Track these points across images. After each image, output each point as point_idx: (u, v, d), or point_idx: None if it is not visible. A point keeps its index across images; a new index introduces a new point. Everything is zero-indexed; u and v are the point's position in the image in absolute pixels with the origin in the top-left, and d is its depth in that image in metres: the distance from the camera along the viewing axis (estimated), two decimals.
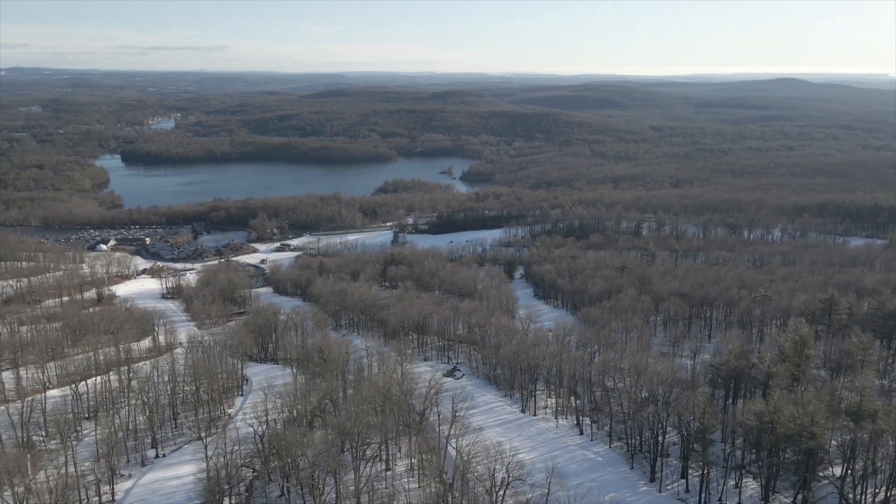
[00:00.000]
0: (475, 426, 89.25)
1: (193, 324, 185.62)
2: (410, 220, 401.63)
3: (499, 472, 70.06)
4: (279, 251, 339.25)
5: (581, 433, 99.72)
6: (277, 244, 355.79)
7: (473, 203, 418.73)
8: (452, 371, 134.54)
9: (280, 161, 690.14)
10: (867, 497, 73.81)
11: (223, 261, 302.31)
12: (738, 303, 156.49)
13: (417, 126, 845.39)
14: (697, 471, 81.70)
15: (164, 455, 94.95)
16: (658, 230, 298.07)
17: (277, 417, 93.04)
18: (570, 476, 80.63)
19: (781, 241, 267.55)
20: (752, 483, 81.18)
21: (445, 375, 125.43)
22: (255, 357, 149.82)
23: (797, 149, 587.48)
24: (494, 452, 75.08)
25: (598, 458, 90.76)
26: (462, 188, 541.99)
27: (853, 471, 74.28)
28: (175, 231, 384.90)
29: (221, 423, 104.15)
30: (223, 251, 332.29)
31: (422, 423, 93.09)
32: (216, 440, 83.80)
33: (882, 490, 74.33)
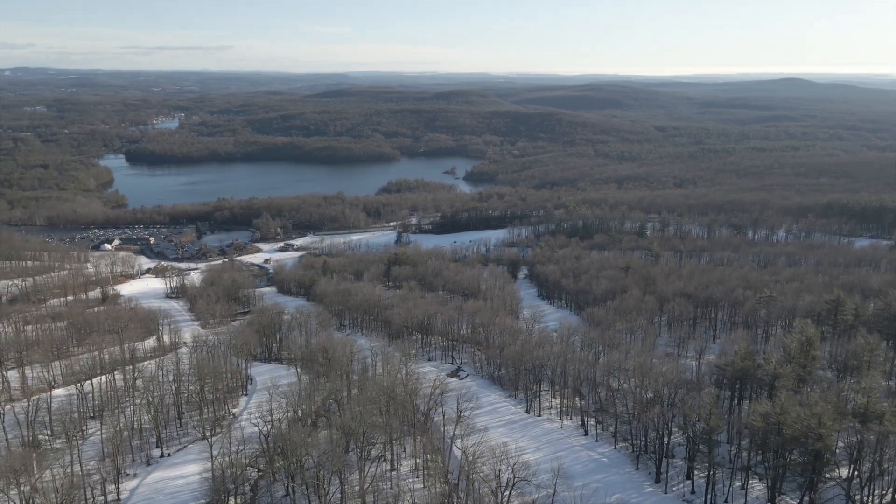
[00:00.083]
0: (480, 426, 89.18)
1: (198, 323, 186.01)
2: (414, 220, 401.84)
3: (504, 473, 69.93)
4: (283, 251, 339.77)
5: (586, 434, 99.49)
6: (281, 244, 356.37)
7: (477, 203, 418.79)
8: (456, 371, 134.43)
9: (284, 161, 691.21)
10: (874, 499, 73.47)
11: (227, 260, 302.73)
12: (743, 303, 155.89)
13: (421, 126, 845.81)
14: (703, 472, 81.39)
15: (169, 454, 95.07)
16: (662, 230, 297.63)
17: (282, 417, 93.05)
18: (576, 477, 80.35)
19: (786, 242, 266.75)
20: (758, 484, 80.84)
21: (449, 375, 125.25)
22: (260, 357, 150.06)
23: (802, 149, 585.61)
24: (500, 453, 74.98)
25: (603, 459, 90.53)
26: (465, 188, 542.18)
27: (860, 472, 74.00)
28: (179, 231, 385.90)
29: (226, 423, 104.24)
30: (227, 251, 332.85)
31: (426, 424, 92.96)
32: (221, 440, 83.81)
33: (889, 492, 74.03)
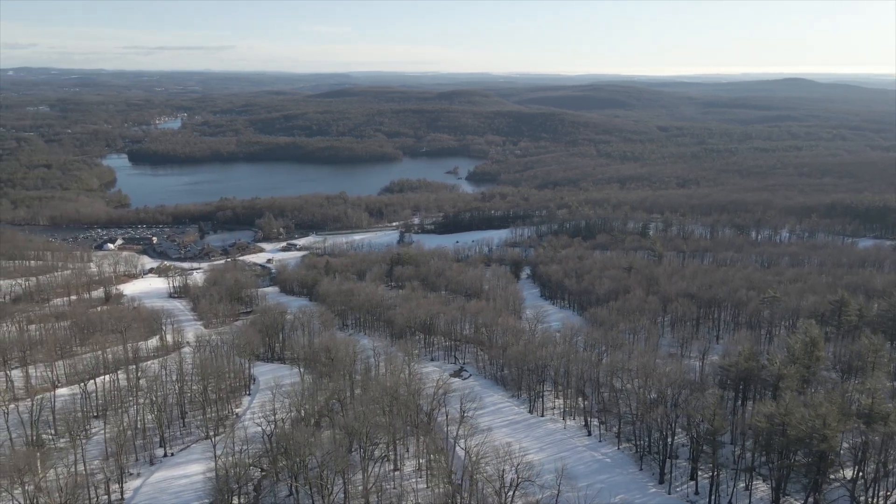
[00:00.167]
0: (484, 427, 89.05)
1: (200, 323, 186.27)
2: (416, 220, 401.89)
3: (508, 473, 69.85)
4: (285, 251, 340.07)
5: (589, 434, 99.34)
6: (283, 244, 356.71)
7: (479, 203, 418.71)
8: (459, 371, 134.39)
9: (286, 161, 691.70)
10: (879, 500, 73.18)
11: (230, 260, 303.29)
12: (747, 304, 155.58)
13: (423, 126, 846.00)
14: (707, 473, 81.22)
15: (173, 454, 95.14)
16: (665, 231, 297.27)
17: (285, 417, 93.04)
18: (579, 477, 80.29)
19: (790, 242, 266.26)
20: (762, 485, 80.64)
21: (452, 376, 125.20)
22: (263, 356, 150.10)
23: (805, 149, 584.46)
24: (503, 453, 74.90)
25: (607, 460, 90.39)
26: (468, 188, 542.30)
27: (865, 473, 73.74)
28: (182, 230, 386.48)
29: (229, 423, 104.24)
30: (230, 250, 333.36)
31: (430, 424, 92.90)
32: (224, 439, 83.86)
33: (894, 492, 73.71)
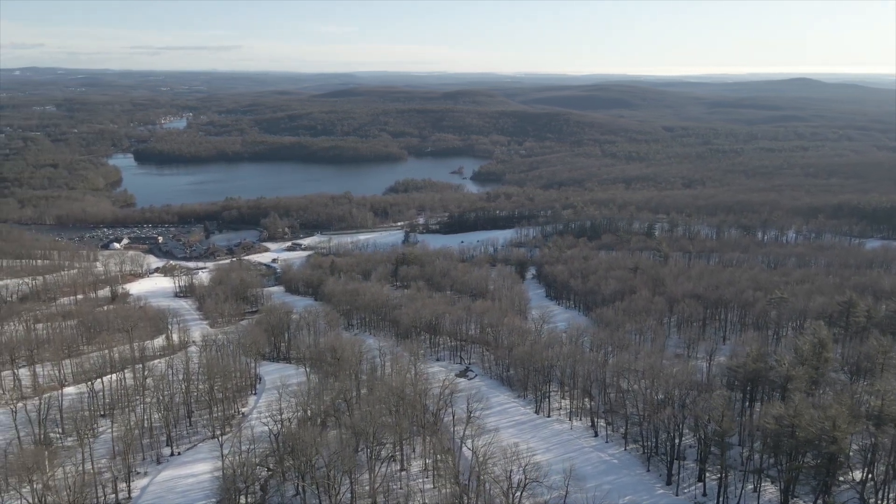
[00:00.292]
0: (490, 427, 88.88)
1: (206, 322, 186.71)
2: (421, 220, 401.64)
3: (515, 474, 69.64)
4: (290, 250, 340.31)
5: (596, 435, 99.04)
6: (289, 243, 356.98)
7: (484, 203, 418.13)
8: (465, 371, 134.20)
9: (291, 160, 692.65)
10: (889, 502, 72.68)
11: (235, 260, 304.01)
12: (754, 304, 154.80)
13: (428, 126, 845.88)
14: (715, 474, 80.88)
15: (180, 453, 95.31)
16: (671, 231, 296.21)
17: (291, 416, 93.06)
18: (586, 478, 79.98)
19: (796, 243, 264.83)
20: (771, 487, 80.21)
21: (458, 376, 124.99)
22: (268, 356, 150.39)
23: (811, 149, 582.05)
24: (510, 454, 74.71)
25: (614, 461, 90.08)
26: (473, 188, 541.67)
27: (874, 475, 73.28)
28: (187, 230, 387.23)
29: (236, 422, 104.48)
30: (235, 250, 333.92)
31: (436, 424, 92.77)
32: (231, 439, 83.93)
33: None
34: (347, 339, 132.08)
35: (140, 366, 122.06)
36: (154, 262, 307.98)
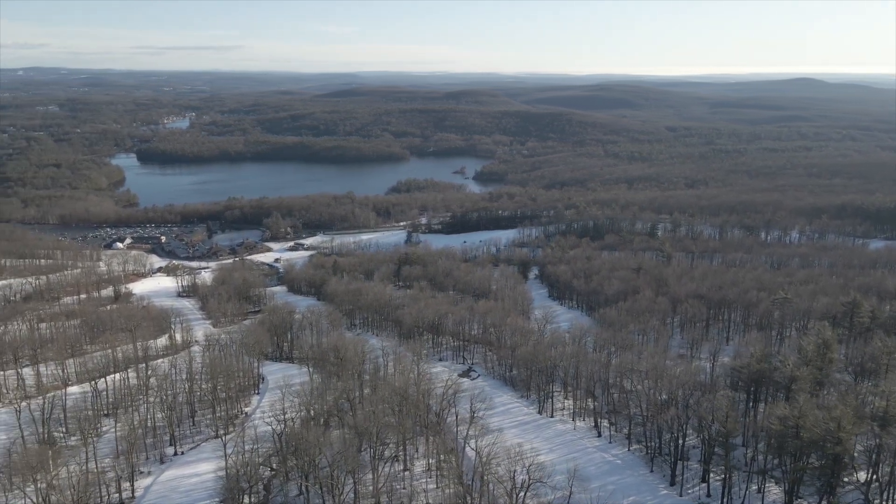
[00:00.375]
0: (494, 427, 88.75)
1: (209, 322, 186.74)
2: (424, 220, 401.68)
3: (519, 474, 69.53)
4: (293, 250, 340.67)
5: (599, 435, 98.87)
6: (291, 243, 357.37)
7: (487, 203, 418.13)
8: (468, 371, 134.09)
9: (294, 160, 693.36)
10: (893, 503, 72.53)
11: (238, 259, 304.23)
12: (757, 305, 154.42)
13: (430, 126, 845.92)
14: (719, 475, 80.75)
15: (183, 453, 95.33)
16: (674, 231, 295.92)
17: (295, 416, 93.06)
18: (590, 479, 79.87)
19: (800, 243, 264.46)
20: (775, 488, 79.98)
21: (461, 376, 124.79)
22: (271, 356, 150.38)
23: (814, 149, 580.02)
24: (514, 454, 74.61)
25: (617, 461, 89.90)
26: (475, 188, 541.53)
27: (879, 476, 73.04)
28: (190, 230, 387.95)
29: (239, 422, 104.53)
30: (238, 250, 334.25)
31: (439, 424, 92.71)
32: (235, 438, 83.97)
33: None
34: (350, 339, 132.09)
35: (143, 365, 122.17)
36: (157, 262, 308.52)
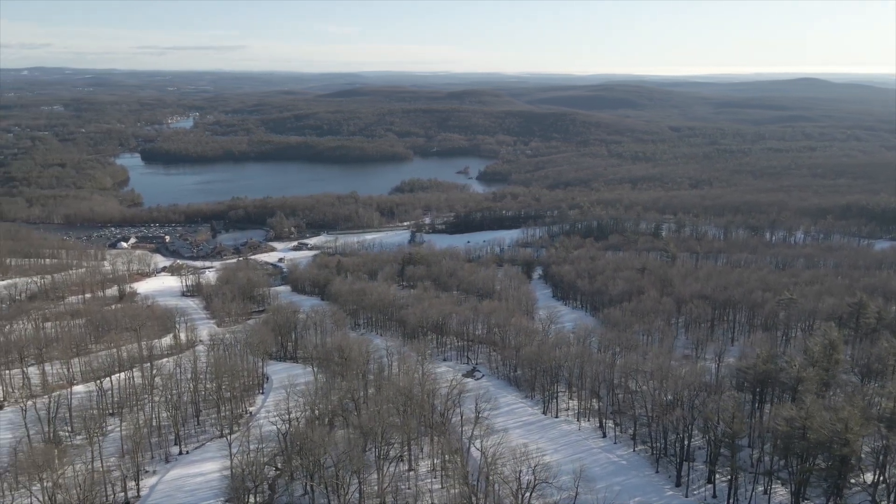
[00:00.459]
0: (499, 427, 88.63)
1: (213, 321, 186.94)
2: (427, 220, 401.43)
3: (524, 475, 69.38)
4: (297, 250, 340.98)
5: (604, 436, 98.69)
6: (295, 243, 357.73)
7: (490, 203, 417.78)
8: (472, 371, 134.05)
9: (297, 160, 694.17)
10: None
11: (242, 259, 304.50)
12: (762, 306, 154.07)
13: (434, 126, 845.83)
14: (725, 476, 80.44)
15: (188, 452, 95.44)
16: (678, 231, 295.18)
17: (299, 416, 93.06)
18: (595, 479, 79.65)
19: (805, 244, 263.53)
20: (781, 489, 79.69)
21: (465, 376, 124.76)
22: (275, 355, 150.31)
23: (819, 150, 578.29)
24: (520, 454, 74.47)
25: (623, 462, 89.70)
26: (478, 188, 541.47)
27: (886, 478, 72.64)
28: (194, 229, 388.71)
29: (244, 421, 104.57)
30: (242, 249, 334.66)
31: (444, 424, 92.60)
32: (239, 438, 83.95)
33: None
34: (354, 339, 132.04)
35: (148, 364, 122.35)
36: (161, 262, 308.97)
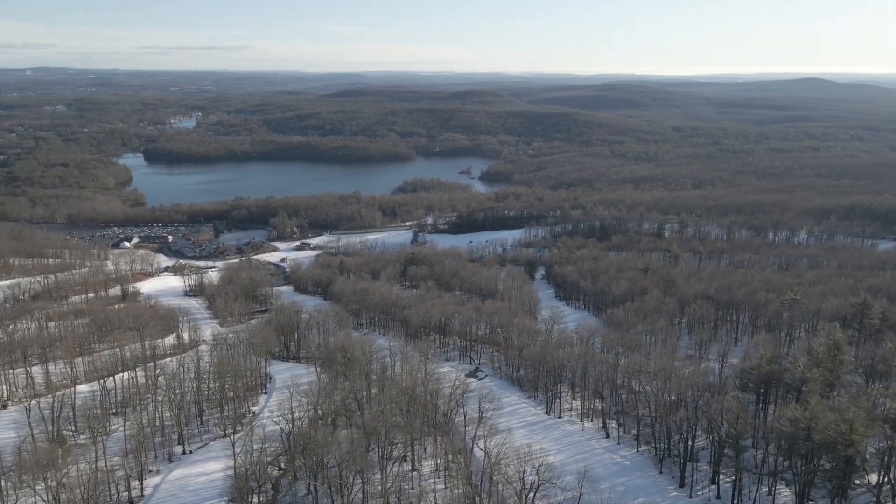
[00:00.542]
0: (502, 427, 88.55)
1: (216, 321, 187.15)
2: (430, 220, 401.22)
3: (528, 475, 69.29)
4: (299, 250, 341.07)
5: (607, 436, 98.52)
6: (297, 243, 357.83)
7: (493, 203, 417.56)
8: (475, 372, 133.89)
9: (300, 160, 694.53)
10: None
11: (244, 259, 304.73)
12: (766, 306, 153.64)
13: (436, 126, 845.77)
14: (729, 476, 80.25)
15: (191, 452, 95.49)
16: (681, 232, 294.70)
17: (302, 416, 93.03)
18: (599, 480, 79.53)
19: (808, 244, 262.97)
20: (786, 490, 79.49)
21: (468, 376, 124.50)
22: (278, 355, 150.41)
23: (822, 150, 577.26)
24: (523, 454, 74.36)
25: (626, 462, 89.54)
26: (481, 188, 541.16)
27: (891, 479, 72.46)
28: (197, 229, 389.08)
29: (247, 421, 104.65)
30: (244, 249, 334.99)
31: (447, 425, 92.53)
32: (243, 437, 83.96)
33: None
34: (357, 339, 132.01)
35: (151, 364, 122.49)
36: (164, 261, 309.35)
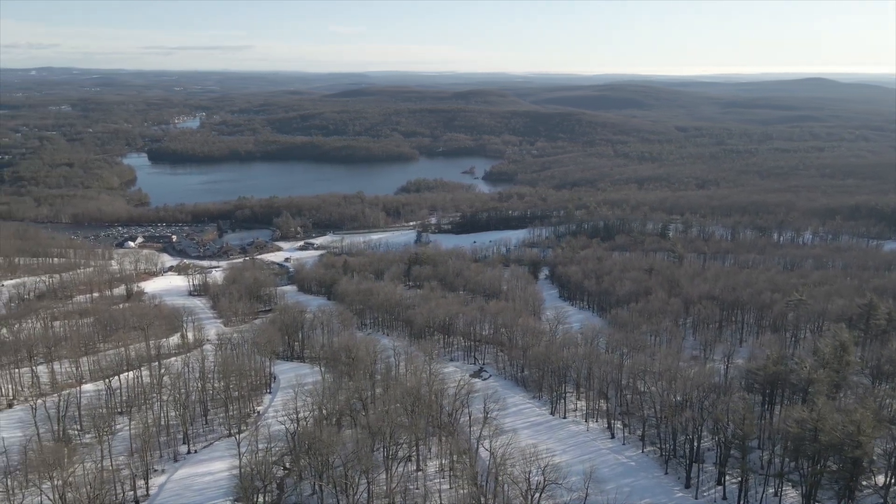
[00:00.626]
0: (507, 428, 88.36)
1: (220, 321, 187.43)
2: (433, 220, 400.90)
3: (534, 475, 69.14)
4: (303, 250, 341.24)
5: (612, 437, 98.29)
6: (301, 243, 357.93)
7: (497, 203, 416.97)
8: (479, 372, 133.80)
9: (303, 160, 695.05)
10: None
11: (248, 259, 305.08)
12: (771, 307, 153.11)
13: (439, 126, 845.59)
14: (734, 477, 79.92)
15: (196, 451, 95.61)
16: (685, 232, 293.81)
17: (307, 415, 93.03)
18: (605, 480, 79.33)
19: (813, 245, 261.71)
20: (792, 491, 79.14)
21: (472, 376, 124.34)
22: (282, 355, 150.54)
23: (827, 150, 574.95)
24: (529, 455, 74.23)
25: (631, 463, 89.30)
26: (484, 188, 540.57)
27: None
28: (201, 229, 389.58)
29: (251, 421, 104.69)
30: (248, 249, 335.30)
31: (452, 425, 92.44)
32: (248, 437, 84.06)
33: None
34: (362, 339, 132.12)
35: (156, 364, 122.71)
36: (168, 261, 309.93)
